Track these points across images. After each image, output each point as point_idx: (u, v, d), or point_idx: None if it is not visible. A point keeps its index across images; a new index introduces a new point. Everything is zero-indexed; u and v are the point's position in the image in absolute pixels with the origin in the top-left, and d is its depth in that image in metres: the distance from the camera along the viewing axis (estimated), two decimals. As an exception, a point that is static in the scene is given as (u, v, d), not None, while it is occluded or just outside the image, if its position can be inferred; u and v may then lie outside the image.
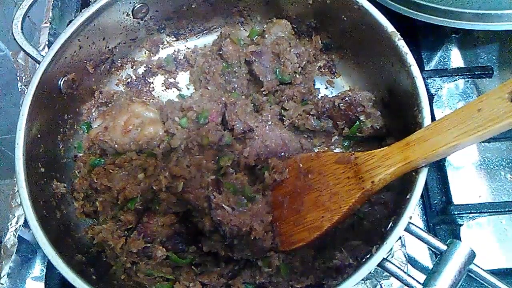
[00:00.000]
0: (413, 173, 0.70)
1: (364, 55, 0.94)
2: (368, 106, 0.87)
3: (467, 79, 1.00)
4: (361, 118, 0.88)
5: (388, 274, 0.66)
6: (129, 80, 1.05)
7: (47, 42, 1.13)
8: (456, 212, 0.83)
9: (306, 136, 0.95)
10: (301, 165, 0.83)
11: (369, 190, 0.70)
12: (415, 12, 0.90)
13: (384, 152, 0.70)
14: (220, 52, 0.99)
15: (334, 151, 0.94)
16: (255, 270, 0.82)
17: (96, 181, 0.88)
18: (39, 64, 0.82)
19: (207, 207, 0.81)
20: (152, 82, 1.06)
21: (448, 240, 0.64)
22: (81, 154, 0.94)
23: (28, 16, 0.88)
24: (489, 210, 0.82)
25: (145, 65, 1.06)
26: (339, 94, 0.91)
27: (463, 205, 0.84)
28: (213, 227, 0.81)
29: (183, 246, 0.86)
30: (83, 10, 0.87)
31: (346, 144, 0.95)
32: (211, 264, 0.85)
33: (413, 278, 0.64)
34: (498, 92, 0.61)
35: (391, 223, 0.70)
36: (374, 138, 0.90)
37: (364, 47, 0.91)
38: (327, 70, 1.02)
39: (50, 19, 1.16)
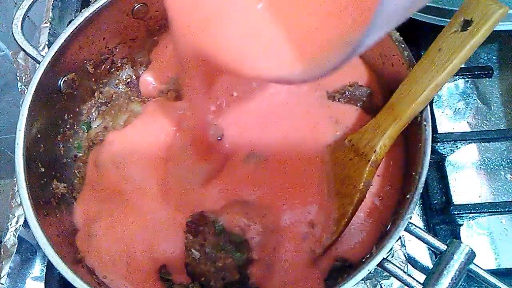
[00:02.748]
0: (413, 173, 0.70)
1: (363, 55, 0.93)
2: (367, 101, 0.87)
3: (467, 79, 0.99)
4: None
5: (388, 274, 0.66)
6: (129, 80, 1.04)
7: (47, 42, 1.12)
8: (456, 212, 0.83)
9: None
10: None
11: (375, 161, 0.71)
12: (415, 12, 0.90)
13: (374, 122, 0.73)
14: (220, 52, 0.98)
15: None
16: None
17: (96, 181, 0.88)
18: (39, 64, 0.82)
19: None
20: (152, 82, 1.06)
21: (448, 240, 0.64)
22: (81, 154, 0.94)
23: (28, 16, 0.88)
24: (489, 210, 0.82)
25: (145, 65, 1.06)
26: (339, 89, 0.91)
27: (463, 205, 0.84)
28: None
29: (183, 246, 0.86)
30: (83, 10, 0.87)
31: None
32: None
33: (413, 278, 0.64)
34: (449, 28, 0.68)
35: (391, 223, 0.70)
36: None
37: (364, 47, 0.91)
38: (327, 70, 1.01)
39: (50, 19, 1.15)
